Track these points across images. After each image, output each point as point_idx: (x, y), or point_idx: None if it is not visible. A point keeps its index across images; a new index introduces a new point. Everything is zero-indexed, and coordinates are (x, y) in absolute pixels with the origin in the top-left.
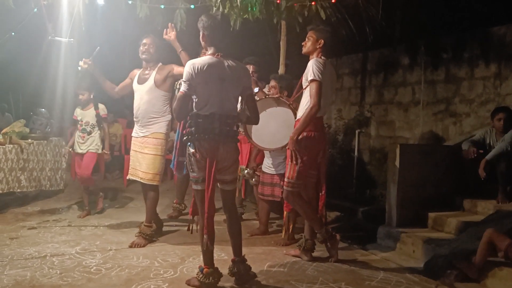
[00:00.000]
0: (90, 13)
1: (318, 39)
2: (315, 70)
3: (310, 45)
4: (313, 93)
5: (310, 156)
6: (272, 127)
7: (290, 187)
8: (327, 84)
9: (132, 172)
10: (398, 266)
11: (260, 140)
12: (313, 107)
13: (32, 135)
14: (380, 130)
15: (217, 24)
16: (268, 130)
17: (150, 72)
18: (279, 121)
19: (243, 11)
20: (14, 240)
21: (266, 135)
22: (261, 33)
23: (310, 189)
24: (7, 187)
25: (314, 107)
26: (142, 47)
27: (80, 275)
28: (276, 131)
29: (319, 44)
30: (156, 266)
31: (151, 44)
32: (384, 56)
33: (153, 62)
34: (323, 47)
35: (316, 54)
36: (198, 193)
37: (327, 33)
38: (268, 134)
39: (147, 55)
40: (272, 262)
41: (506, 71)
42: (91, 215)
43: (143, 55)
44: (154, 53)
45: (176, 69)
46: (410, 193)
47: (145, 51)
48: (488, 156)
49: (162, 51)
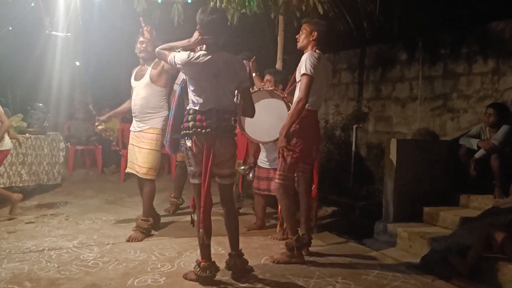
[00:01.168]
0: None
1: (312, 32)
2: (308, 64)
3: (304, 38)
4: (302, 87)
5: (303, 150)
6: (265, 119)
7: (281, 179)
8: (322, 78)
9: (130, 166)
10: (394, 261)
11: (253, 133)
12: (299, 101)
13: (30, 129)
14: (377, 125)
15: (216, 18)
16: (261, 122)
17: (146, 68)
18: (272, 114)
19: (241, 5)
20: (12, 234)
21: (259, 128)
22: (259, 28)
23: (303, 184)
24: (8, 181)
25: (301, 101)
26: (139, 45)
27: (77, 269)
28: (269, 124)
29: (312, 36)
30: (153, 260)
31: (149, 42)
32: (382, 51)
33: (150, 59)
34: (317, 40)
35: (310, 48)
36: (195, 187)
37: (321, 25)
38: (261, 126)
39: (145, 54)
40: (269, 256)
41: (504, 67)
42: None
43: (141, 54)
44: (152, 51)
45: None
46: (407, 188)
47: (143, 49)
48: (476, 155)
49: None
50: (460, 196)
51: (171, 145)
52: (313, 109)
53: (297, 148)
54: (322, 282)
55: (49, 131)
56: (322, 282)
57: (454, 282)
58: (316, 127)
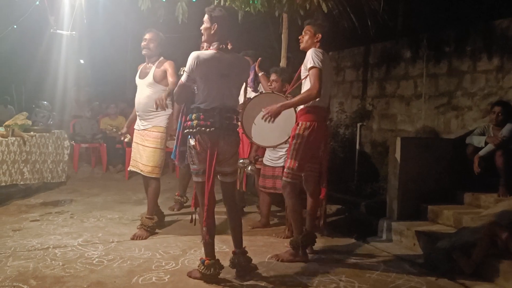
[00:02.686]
0: (92, 6)
1: (316, 34)
2: (315, 57)
3: (307, 39)
4: (313, 79)
5: (311, 147)
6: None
7: (289, 177)
8: (326, 75)
9: (133, 164)
10: (398, 259)
11: (262, 139)
12: (313, 90)
13: (35, 127)
14: (381, 123)
15: (225, 18)
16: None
17: (150, 66)
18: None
19: (245, 4)
20: (17, 231)
21: (267, 132)
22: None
23: (311, 183)
24: (10, 179)
25: (315, 90)
26: (143, 42)
27: (82, 267)
28: (276, 126)
29: (316, 38)
30: (158, 258)
31: (151, 39)
32: (386, 49)
33: (154, 57)
34: (321, 42)
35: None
36: (198, 185)
37: (324, 27)
38: (268, 130)
39: (147, 51)
40: (273, 254)
41: (509, 65)
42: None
43: (144, 51)
44: (154, 48)
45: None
46: (411, 186)
47: (144, 46)
48: (481, 152)
49: (164, 45)
50: (465, 194)
51: (179, 157)
52: (320, 105)
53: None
54: (326, 280)
55: (54, 129)
56: (326, 280)
57: (458, 280)
58: (323, 125)
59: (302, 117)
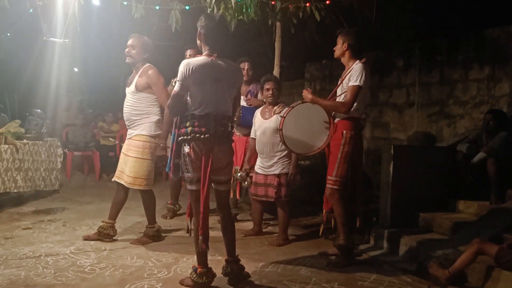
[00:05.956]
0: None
1: (344, 43)
2: (360, 75)
3: (339, 49)
4: (350, 95)
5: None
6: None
7: (337, 185)
8: (366, 88)
9: (118, 175)
10: (391, 266)
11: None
12: (346, 105)
13: (28, 135)
14: (374, 131)
15: (215, 24)
16: (304, 134)
17: (135, 74)
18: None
19: (238, 12)
20: (9, 239)
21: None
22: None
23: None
24: (3, 187)
25: (346, 106)
26: (126, 49)
27: (74, 275)
28: (311, 132)
29: (344, 47)
30: (150, 266)
31: (133, 45)
32: (379, 58)
33: (139, 63)
34: (350, 49)
35: (347, 56)
36: (192, 193)
37: (350, 34)
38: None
39: (129, 59)
40: (266, 262)
41: (500, 73)
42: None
43: (127, 59)
44: (136, 54)
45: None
46: (404, 194)
47: (127, 54)
48: (475, 159)
49: (150, 49)
50: (457, 202)
51: (174, 169)
52: (357, 116)
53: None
54: None
55: (47, 137)
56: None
57: None
58: (360, 134)
59: (345, 127)
